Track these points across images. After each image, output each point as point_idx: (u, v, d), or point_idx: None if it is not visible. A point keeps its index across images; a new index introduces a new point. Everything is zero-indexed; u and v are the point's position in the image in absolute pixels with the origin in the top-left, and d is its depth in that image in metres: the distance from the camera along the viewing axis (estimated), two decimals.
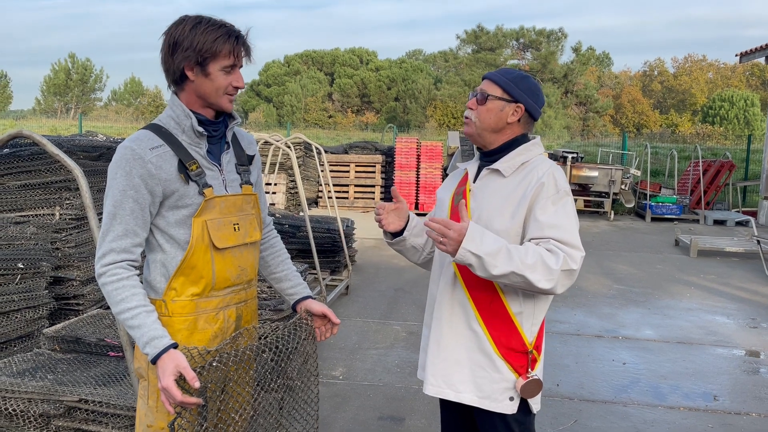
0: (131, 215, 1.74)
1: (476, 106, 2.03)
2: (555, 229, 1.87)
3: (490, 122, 2.00)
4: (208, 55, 1.73)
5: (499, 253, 1.80)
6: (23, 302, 3.61)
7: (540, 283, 1.82)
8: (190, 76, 1.76)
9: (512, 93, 1.99)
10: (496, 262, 1.80)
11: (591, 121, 39.15)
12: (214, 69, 1.75)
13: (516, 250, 1.83)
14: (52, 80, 49.14)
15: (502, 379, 1.97)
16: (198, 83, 1.77)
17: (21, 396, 2.84)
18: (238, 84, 1.80)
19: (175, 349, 1.71)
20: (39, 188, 4.21)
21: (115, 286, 1.74)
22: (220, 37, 1.74)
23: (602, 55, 50.40)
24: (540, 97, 2.03)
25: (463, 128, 2.11)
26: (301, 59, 48.08)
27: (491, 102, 2.00)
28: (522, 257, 1.81)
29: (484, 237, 1.82)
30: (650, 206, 13.19)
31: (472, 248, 1.79)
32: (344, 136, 28.52)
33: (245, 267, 1.93)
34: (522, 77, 2.01)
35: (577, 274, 1.88)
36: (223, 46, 1.74)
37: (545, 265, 1.82)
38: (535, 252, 1.83)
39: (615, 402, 4.09)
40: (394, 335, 5.30)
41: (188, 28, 1.74)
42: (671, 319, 6.05)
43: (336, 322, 2.05)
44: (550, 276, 1.83)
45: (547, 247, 1.86)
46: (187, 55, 1.73)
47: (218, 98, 1.79)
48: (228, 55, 1.75)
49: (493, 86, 2.01)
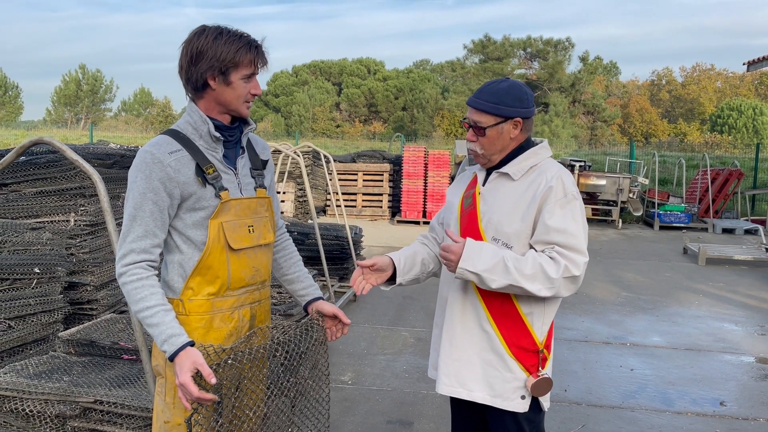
0: (151, 217, 1.80)
1: (476, 138, 2.04)
2: (560, 233, 1.91)
3: (495, 147, 2.04)
4: (231, 65, 1.80)
5: (496, 268, 1.88)
6: (39, 306, 3.68)
7: (541, 292, 1.89)
8: (212, 84, 1.83)
9: (503, 113, 1.99)
10: (493, 277, 1.89)
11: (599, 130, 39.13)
12: (235, 78, 1.82)
13: (515, 262, 1.88)
14: (62, 91, 49.64)
15: (513, 378, 2.02)
16: (219, 91, 1.84)
17: (38, 397, 2.90)
18: (256, 91, 1.88)
19: (192, 346, 1.76)
20: (55, 195, 4.29)
21: (135, 286, 1.80)
22: (242, 48, 1.81)
23: (610, 65, 50.45)
24: (529, 99, 2.03)
25: (474, 159, 2.11)
26: (309, 69, 48.39)
27: (490, 131, 2.01)
28: (521, 269, 1.87)
29: (481, 254, 1.90)
30: (658, 215, 13.17)
31: (468, 267, 1.90)
32: (352, 145, 28.62)
33: (259, 268, 1.98)
34: (505, 91, 2.00)
35: (582, 278, 1.93)
36: (245, 56, 1.81)
37: (545, 274, 1.88)
38: (534, 262, 1.89)
39: (623, 407, 4.11)
40: (403, 341, 5.34)
41: (211, 39, 1.80)
42: (679, 326, 6.05)
43: (346, 322, 2.10)
44: (550, 285, 1.89)
45: (550, 254, 1.90)
46: (211, 64, 1.80)
47: (238, 105, 1.87)
48: (249, 64, 1.83)
49: (483, 115, 2.01)
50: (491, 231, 2.00)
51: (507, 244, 1.98)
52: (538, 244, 1.95)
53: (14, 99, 49.06)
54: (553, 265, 1.89)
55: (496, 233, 2.00)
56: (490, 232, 2.01)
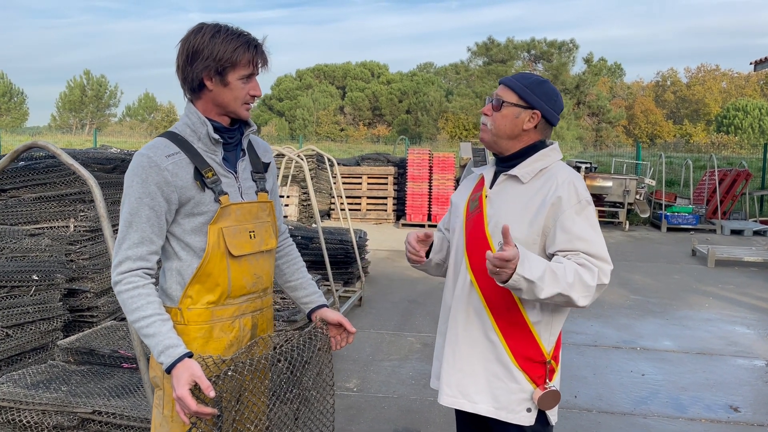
0: (147, 223, 1.72)
1: (491, 112, 1.98)
2: (584, 242, 1.84)
3: (505, 129, 1.96)
4: (228, 65, 1.72)
5: (545, 276, 1.74)
6: (38, 314, 3.61)
7: (579, 301, 1.79)
8: (208, 85, 1.75)
9: (528, 99, 1.94)
10: (543, 285, 1.74)
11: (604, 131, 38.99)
12: (233, 78, 1.74)
13: (559, 270, 1.77)
14: (67, 97, 49.81)
15: (519, 390, 1.93)
16: (216, 92, 1.76)
17: (35, 408, 2.83)
18: (255, 92, 1.80)
19: (190, 358, 1.69)
20: (54, 201, 4.23)
21: (131, 295, 1.72)
22: (240, 47, 1.72)
23: (614, 66, 50.34)
24: (558, 103, 1.98)
25: (479, 134, 2.08)
26: (313, 73, 48.41)
27: (506, 108, 1.95)
28: (564, 276, 1.77)
29: (532, 261, 1.76)
30: (666, 216, 13.06)
31: (525, 274, 1.72)
32: (356, 148, 28.59)
33: (261, 275, 1.91)
34: (539, 82, 1.97)
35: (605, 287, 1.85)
36: (243, 55, 1.73)
37: (582, 282, 1.78)
38: (571, 269, 1.79)
39: (634, 414, 4.01)
40: (408, 347, 5.25)
41: (207, 37, 1.72)
42: (690, 329, 5.95)
43: (351, 330, 2.03)
44: (587, 293, 1.80)
45: (579, 261, 1.82)
46: (207, 64, 1.72)
47: (236, 107, 1.78)
48: (247, 64, 1.74)
49: (508, 92, 1.97)
50: (498, 236, 1.92)
51: None
52: (562, 253, 1.86)
53: (20, 105, 49.26)
54: (588, 273, 1.80)
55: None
56: (496, 237, 1.93)
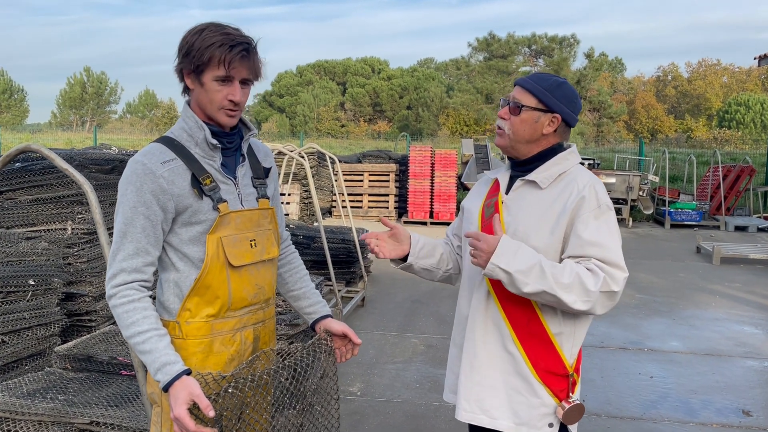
0: (143, 233, 1.64)
1: (509, 116, 1.90)
2: (597, 247, 1.75)
3: (524, 134, 1.88)
4: (200, 63, 1.61)
5: (532, 271, 1.70)
6: (34, 320, 3.53)
7: (575, 305, 1.72)
8: (188, 84, 1.67)
9: (548, 103, 1.86)
10: (527, 280, 1.70)
11: (605, 127, 38.88)
12: (207, 79, 1.63)
13: (552, 268, 1.71)
14: (67, 94, 49.72)
15: (541, 405, 1.85)
16: (196, 93, 1.67)
17: (31, 418, 2.75)
18: (233, 98, 1.64)
19: (188, 375, 1.60)
20: (51, 203, 4.14)
21: (126, 309, 1.64)
22: (214, 45, 1.59)
23: (615, 61, 50.17)
24: (577, 104, 1.91)
25: (495, 140, 1.98)
26: (314, 69, 48.28)
27: (525, 113, 1.87)
28: (557, 276, 1.70)
29: (518, 252, 1.71)
30: (669, 213, 12.96)
31: (501, 264, 1.70)
32: (357, 145, 28.49)
33: (263, 285, 1.82)
34: (557, 84, 1.88)
35: (620, 295, 1.76)
36: (214, 53, 1.59)
37: (582, 285, 1.71)
38: (572, 271, 1.72)
39: (644, 418, 3.93)
40: (413, 349, 5.17)
41: (192, 34, 1.64)
42: (698, 329, 5.86)
43: (357, 342, 1.94)
44: (587, 297, 1.71)
45: (588, 266, 1.74)
46: (185, 60, 1.64)
47: (214, 111, 1.66)
48: (218, 64, 1.60)
49: (526, 95, 1.88)
50: None
51: None
52: (573, 258, 1.78)
53: (20, 102, 49.16)
54: (592, 277, 1.72)
55: None
56: None
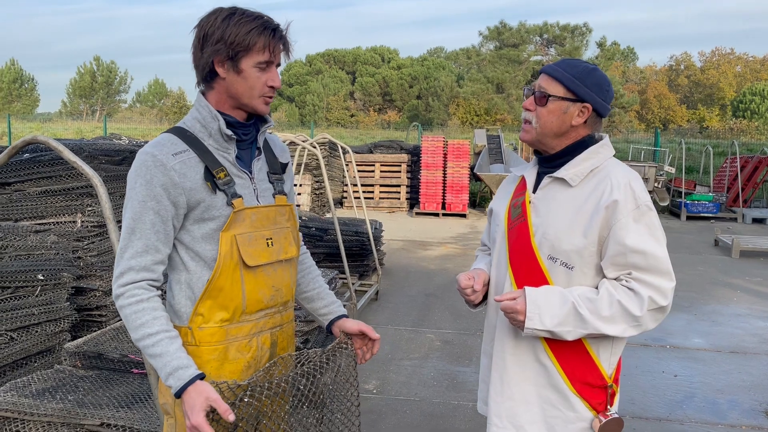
0: (152, 229, 1.53)
1: (535, 107, 1.73)
2: (640, 255, 1.62)
3: (552, 126, 1.72)
4: (241, 49, 1.52)
5: (568, 319, 1.62)
6: (44, 315, 3.44)
7: (626, 333, 1.63)
8: (220, 72, 1.55)
9: (578, 91, 1.69)
10: (567, 328, 1.63)
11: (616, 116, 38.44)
12: (247, 65, 1.54)
13: (589, 304, 1.62)
14: (77, 83, 49.73)
15: (577, 419, 1.72)
16: (230, 81, 1.55)
17: (40, 419, 2.66)
18: (273, 83, 1.59)
19: (202, 380, 1.49)
20: (60, 195, 4.04)
21: (134, 309, 1.53)
22: (255, 29, 1.52)
23: (627, 50, 49.58)
24: (610, 92, 1.74)
25: (520, 134, 1.83)
26: (323, 58, 48.02)
27: (553, 103, 1.71)
28: (597, 311, 1.61)
29: (547, 304, 1.63)
30: (685, 204, 12.76)
31: (536, 326, 1.64)
32: (367, 134, 28.31)
33: (280, 287, 1.70)
34: (588, 71, 1.72)
35: (670, 307, 1.64)
36: (258, 39, 1.52)
37: (626, 313, 1.61)
38: (611, 300, 1.61)
39: (670, 419, 3.80)
40: (428, 344, 5.06)
41: (220, 20, 1.52)
42: (720, 325, 5.71)
43: (375, 337, 1.81)
44: (635, 323, 1.62)
45: (628, 285, 1.62)
46: (217, 48, 1.52)
47: (252, 99, 1.57)
48: (263, 49, 1.53)
49: (554, 84, 1.71)
50: (546, 248, 1.69)
51: (567, 264, 1.67)
52: (612, 267, 1.64)
53: (30, 91, 49.24)
54: (635, 300, 1.60)
55: (552, 251, 1.68)
56: (545, 249, 1.69)
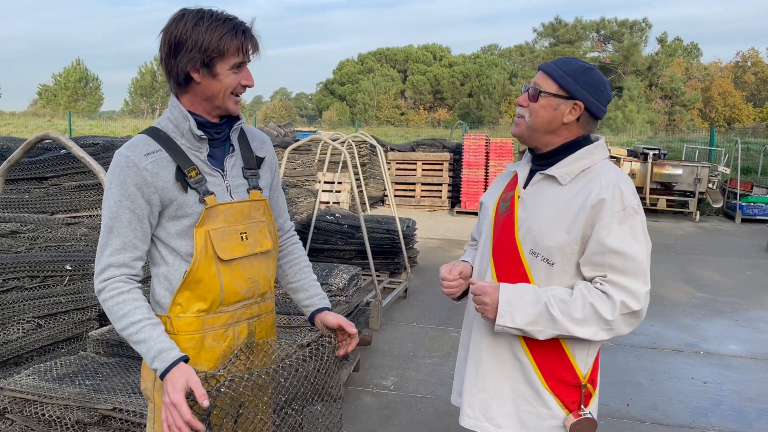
0: (129, 227, 1.60)
1: (527, 103, 1.75)
2: (618, 256, 1.61)
3: (542, 122, 1.73)
4: (215, 55, 1.58)
5: (539, 319, 1.64)
6: (71, 304, 3.61)
7: (597, 336, 1.63)
8: (195, 78, 1.61)
9: (569, 88, 1.70)
10: (539, 328, 1.65)
11: (677, 115, 37.22)
12: (222, 69, 1.60)
13: (560, 306, 1.62)
14: (138, 82, 51.55)
15: (550, 416, 1.72)
16: (204, 85, 1.61)
17: (57, 402, 2.80)
18: (247, 82, 1.65)
19: (185, 362, 1.56)
20: (93, 189, 4.24)
21: (116, 301, 1.61)
22: (227, 34, 1.57)
23: (690, 46, 47.84)
24: (605, 93, 1.74)
25: (512, 129, 1.84)
26: (375, 57, 48.25)
27: (544, 99, 1.72)
28: (569, 312, 1.61)
29: (520, 303, 1.65)
30: (740, 206, 12.25)
31: (507, 323, 1.66)
32: (414, 133, 28.30)
33: (257, 279, 1.76)
34: (583, 70, 1.72)
35: (644, 312, 1.62)
36: (231, 42, 1.58)
37: (598, 316, 1.61)
38: (584, 302, 1.61)
39: (692, 427, 3.68)
40: (452, 343, 5.05)
41: (190, 26, 1.58)
42: (760, 332, 5.48)
43: (352, 332, 1.86)
44: (606, 326, 1.62)
45: (602, 288, 1.62)
46: (192, 56, 1.57)
47: (225, 99, 1.64)
48: (236, 52, 1.59)
49: (547, 80, 1.73)
50: (529, 243, 1.71)
51: (548, 260, 1.68)
52: (589, 266, 1.65)
53: (95, 90, 51.34)
54: (608, 304, 1.61)
55: (535, 246, 1.70)
56: (527, 243, 1.71)
